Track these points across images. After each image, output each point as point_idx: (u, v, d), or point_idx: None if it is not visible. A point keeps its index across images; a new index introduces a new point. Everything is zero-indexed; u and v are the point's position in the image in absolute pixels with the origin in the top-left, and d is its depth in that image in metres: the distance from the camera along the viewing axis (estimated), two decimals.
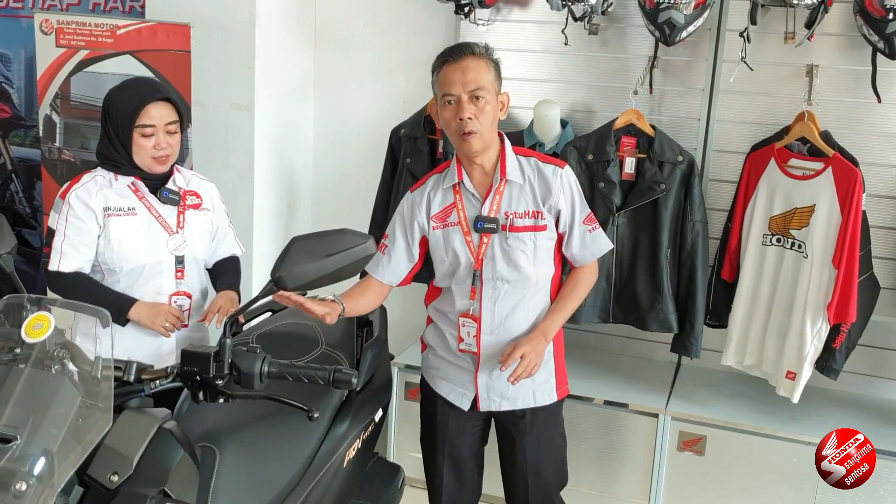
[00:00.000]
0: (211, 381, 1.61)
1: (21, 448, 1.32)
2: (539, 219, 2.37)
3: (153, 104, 2.45)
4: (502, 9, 3.60)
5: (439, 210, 2.42)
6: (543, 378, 2.48)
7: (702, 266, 3.21)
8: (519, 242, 2.36)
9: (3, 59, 4.69)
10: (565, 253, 2.47)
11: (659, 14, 3.03)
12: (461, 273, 2.41)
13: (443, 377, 2.54)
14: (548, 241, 2.40)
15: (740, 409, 3.22)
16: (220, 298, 2.58)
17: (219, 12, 3.59)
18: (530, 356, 2.31)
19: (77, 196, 2.47)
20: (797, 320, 3.02)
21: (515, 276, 2.38)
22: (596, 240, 2.45)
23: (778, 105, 3.28)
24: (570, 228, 2.42)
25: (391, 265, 2.48)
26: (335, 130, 4.10)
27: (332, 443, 2.13)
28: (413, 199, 2.47)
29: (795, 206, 3.03)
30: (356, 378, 1.67)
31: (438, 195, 2.43)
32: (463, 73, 2.27)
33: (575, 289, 2.48)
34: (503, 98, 2.36)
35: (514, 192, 2.37)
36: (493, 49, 2.37)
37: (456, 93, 2.27)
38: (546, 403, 2.49)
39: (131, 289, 2.50)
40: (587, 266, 2.49)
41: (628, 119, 3.24)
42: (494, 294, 2.39)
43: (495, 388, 2.46)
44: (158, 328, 2.48)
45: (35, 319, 1.46)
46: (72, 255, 2.46)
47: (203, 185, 2.69)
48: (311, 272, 1.66)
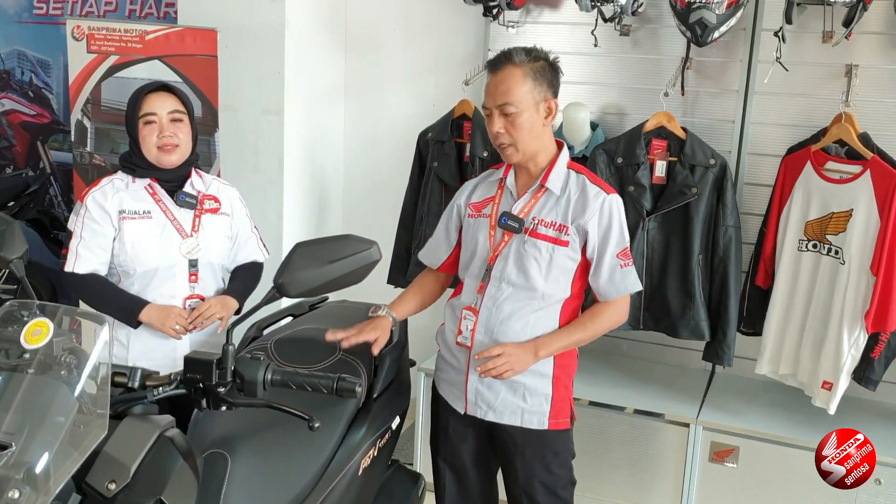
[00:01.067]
0: (213, 388, 1.59)
1: (16, 455, 1.32)
2: (563, 233, 2.30)
3: (154, 94, 2.50)
4: (532, 10, 3.56)
5: (479, 200, 2.44)
6: (536, 402, 2.38)
7: (734, 272, 3.12)
8: (534, 249, 2.31)
9: (43, 66, 4.78)
10: (591, 283, 2.36)
11: (690, 14, 2.96)
12: (475, 265, 2.41)
13: (444, 378, 2.52)
14: (567, 260, 2.32)
15: (774, 420, 3.12)
16: (211, 303, 2.57)
17: (249, 17, 3.61)
18: (508, 359, 2.25)
19: (94, 199, 2.52)
20: (834, 329, 2.92)
21: (522, 282, 2.32)
22: (626, 277, 2.33)
23: (815, 106, 3.18)
24: (598, 257, 2.32)
25: (431, 247, 2.57)
26: (365, 134, 4.10)
27: (348, 450, 2.10)
28: (464, 186, 2.54)
29: (832, 211, 2.93)
30: (360, 387, 1.64)
31: (484, 186, 2.47)
32: (496, 86, 2.27)
33: (591, 319, 2.37)
34: (550, 105, 2.29)
35: (549, 201, 2.33)
36: (543, 52, 2.32)
37: (489, 105, 2.30)
38: (534, 428, 2.38)
39: (145, 291, 2.52)
40: (614, 304, 2.36)
41: (659, 121, 3.17)
42: (497, 294, 2.35)
43: (483, 396, 2.40)
44: (168, 330, 2.49)
45: (34, 326, 1.46)
46: (87, 257, 2.50)
47: (224, 190, 2.69)
48: (314, 279, 1.64)
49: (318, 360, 2.28)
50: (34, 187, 4.45)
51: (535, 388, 2.37)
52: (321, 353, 2.30)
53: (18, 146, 4.95)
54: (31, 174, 4.84)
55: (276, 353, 2.28)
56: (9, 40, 4.83)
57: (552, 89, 2.31)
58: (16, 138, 4.94)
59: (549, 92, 2.30)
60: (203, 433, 1.90)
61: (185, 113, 2.54)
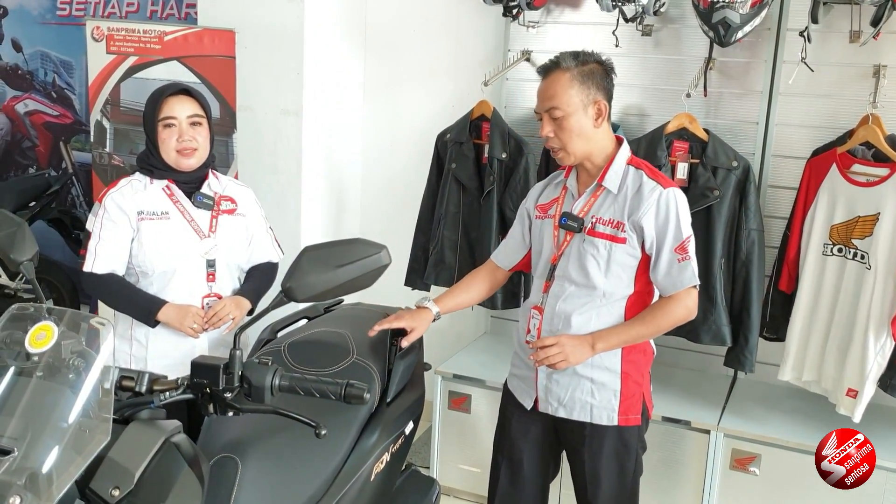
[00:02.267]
0: (220, 393, 1.57)
1: (18, 460, 1.31)
2: (620, 230, 2.30)
3: (174, 97, 2.51)
4: (552, 10, 3.52)
5: (546, 202, 2.49)
6: (605, 398, 2.38)
7: (757, 276, 3.07)
8: (593, 248, 2.33)
9: (66, 66, 4.81)
10: (651, 278, 2.35)
11: (713, 14, 2.92)
12: (541, 265, 2.46)
13: (515, 374, 2.56)
14: (626, 257, 2.32)
15: (797, 427, 3.06)
16: (226, 302, 2.58)
17: (268, 18, 3.60)
18: (563, 349, 2.29)
19: (112, 199, 2.54)
20: (859, 335, 2.86)
21: (583, 280, 2.35)
22: (682, 271, 2.29)
23: (841, 108, 3.11)
24: (657, 252, 2.30)
25: (506, 248, 2.62)
26: (384, 135, 4.08)
27: (360, 455, 2.08)
28: (534, 188, 2.59)
29: (858, 215, 2.87)
30: (368, 393, 1.61)
31: (550, 187, 2.52)
32: (544, 91, 2.32)
33: (652, 314, 2.35)
34: (600, 106, 2.30)
35: (606, 199, 2.35)
36: (596, 54, 2.34)
37: (538, 110, 2.35)
38: (604, 423, 2.39)
39: (163, 291, 2.54)
40: (677, 298, 2.32)
41: (680, 123, 3.12)
42: (560, 292, 2.38)
43: (553, 392, 2.42)
44: (187, 329, 2.51)
45: (39, 329, 1.44)
46: (105, 257, 2.51)
47: (239, 191, 2.71)
48: (322, 283, 1.61)
49: (331, 363, 2.25)
50: (56, 187, 4.47)
51: (603, 384, 2.37)
52: (334, 357, 2.28)
53: (41, 146, 4.99)
54: (54, 174, 4.87)
55: (289, 355, 2.26)
56: (32, 41, 4.87)
57: (602, 91, 2.31)
58: (39, 138, 4.97)
59: (599, 94, 2.30)
60: (215, 437, 1.88)
61: (204, 117, 2.56)
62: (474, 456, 3.42)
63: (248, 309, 2.65)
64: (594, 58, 2.33)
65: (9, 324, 1.51)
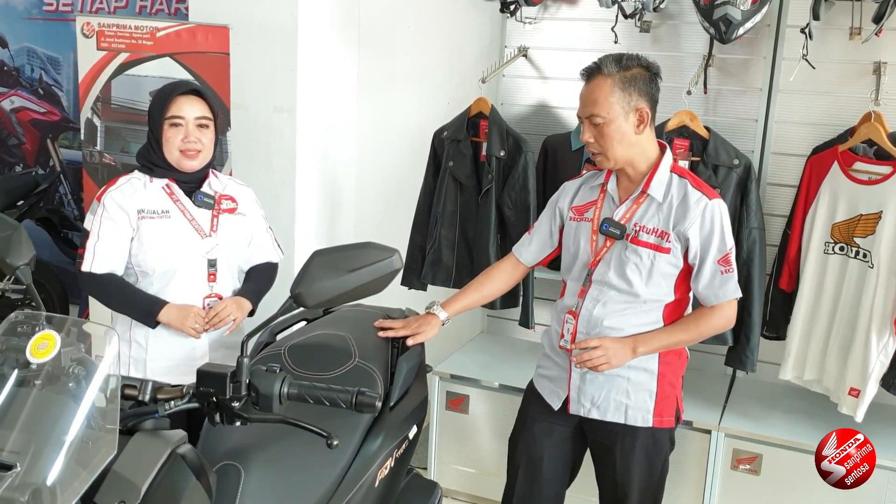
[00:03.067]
0: (227, 402, 1.53)
1: (21, 476, 1.25)
2: (665, 240, 2.29)
3: (183, 97, 2.46)
4: (550, 6, 3.49)
5: (581, 204, 2.45)
6: (641, 399, 2.38)
7: (758, 275, 3.05)
8: (636, 256, 2.31)
9: (53, 63, 4.73)
10: (692, 286, 2.37)
11: (714, 10, 2.89)
12: (577, 269, 2.43)
13: (544, 374, 2.53)
14: (669, 266, 2.32)
15: (798, 426, 3.05)
16: (227, 303, 2.55)
17: (261, 14, 3.54)
18: (606, 352, 2.29)
19: (112, 198, 2.49)
20: (861, 334, 2.84)
21: (624, 286, 2.33)
22: (725, 283, 2.31)
23: (841, 105, 3.10)
24: (700, 263, 2.30)
25: (532, 245, 2.57)
26: (378, 133, 4.03)
27: (363, 461, 2.04)
28: (566, 187, 2.54)
29: (860, 213, 2.85)
30: (380, 401, 1.57)
31: (586, 189, 2.47)
32: (586, 96, 2.30)
33: (695, 321, 2.36)
34: (642, 113, 2.27)
35: (651, 207, 2.32)
36: (640, 57, 2.31)
37: (580, 115, 2.33)
38: (638, 425, 2.39)
39: (164, 291, 2.50)
40: (719, 308, 2.34)
41: (681, 120, 3.09)
42: (598, 296, 2.37)
43: (586, 392, 2.41)
44: (188, 330, 2.47)
45: (40, 339, 1.39)
46: (104, 257, 2.47)
47: (239, 190, 2.67)
48: (333, 288, 1.57)
49: (332, 366, 2.21)
50: (44, 186, 4.39)
51: (639, 384, 2.37)
52: (336, 360, 2.24)
53: (28, 144, 4.90)
54: (41, 172, 4.78)
55: (289, 358, 2.22)
56: (18, 37, 4.78)
57: (646, 97, 2.29)
58: (25, 136, 4.89)
59: (641, 100, 2.28)
60: (215, 444, 1.84)
61: (211, 119, 2.52)
62: (472, 457, 3.39)
63: (249, 310, 2.62)
64: (638, 62, 2.29)
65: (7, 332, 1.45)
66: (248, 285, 2.68)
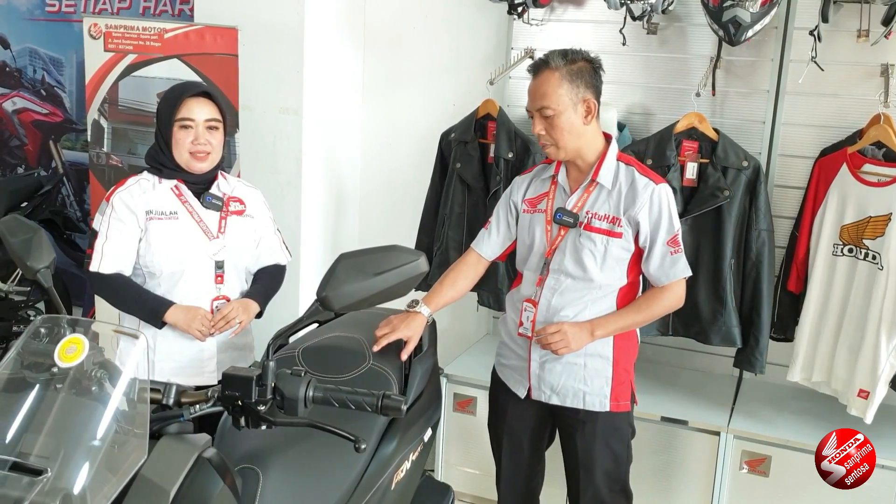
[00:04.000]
0: (253, 406, 1.52)
1: (52, 481, 1.25)
2: (616, 225, 2.40)
3: (194, 99, 2.47)
4: (556, 8, 3.48)
5: (534, 196, 2.54)
6: (597, 385, 2.48)
7: (767, 277, 3.05)
8: (590, 242, 2.41)
9: (56, 64, 4.72)
10: (643, 269, 2.48)
11: (724, 12, 2.89)
12: (533, 259, 2.52)
13: (506, 363, 2.63)
14: (621, 251, 2.42)
15: (807, 428, 3.04)
16: (234, 305, 2.55)
17: (267, 15, 3.54)
18: (564, 337, 2.38)
19: (120, 199, 2.49)
20: (871, 336, 2.85)
21: (580, 273, 2.43)
22: (675, 263, 2.43)
23: (849, 107, 3.10)
24: (650, 245, 2.41)
25: (491, 239, 2.63)
26: (384, 134, 4.03)
27: (380, 464, 2.04)
28: (517, 181, 2.62)
29: (870, 215, 2.86)
30: (405, 405, 1.57)
31: (537, 182, 2.56)
32: (535, 90, 2.38)
33: (646, 303, 2.47)
34: (589, 104, 2.37)
35: (601, 195, 2.42)
36: (584, 52, 2.40)
37: (530, 108, 2.41)
38: (596, 410, 2.49)
39: (171, 292, 2.50)
40: (669, 288, 2.45)
41: (690, 122, 3.09)
42: (556, 285, 2.46)
43: (545, 380, 2.51)
44: (194, 332, 2.47)
45: (69, 343, 1.38)
46: (112, 257, 2.47)
47: (248, 192, 2.67)
48: (359, 292, 1.57)
49: (347, 369, 2.21)
50: (47, 187, 4.37)
51: (595, 371, 2.47)
52: (350, 362, 2.24)
53: (30, 145, 4.89)
54: (44, 174, 4.77)
55: (303, 361, 2.21)
56: (21, 38, 4.76)
57: (591, 89, 2.38)
58: (27, 137, 4.87)
59: (588, 92, 2.37)
60: (231, 447, 1.83)
61: (220, 121, 2.52)
62: (479, 459, 3.38)
63: (256, 311, 2.62)
64: (582, 56, 2.38)
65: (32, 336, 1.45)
66: (256, 287, 2.68)
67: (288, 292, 3.73)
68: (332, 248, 3.94)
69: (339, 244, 3.99)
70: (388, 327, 2.34)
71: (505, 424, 2.67)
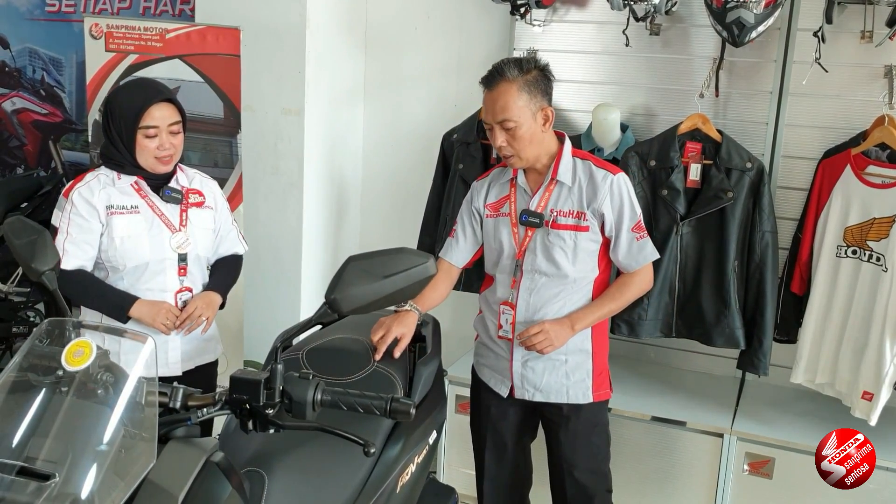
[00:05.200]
0: (261, 409, 1.51)
1: (59, 486, 1.24)
2: (582, 220, 2.45)
3: (156, 105, 2.47)
4: (559, 9, 3.47)
5: (495, 200, 2.58)
6: (579, 377, 2.55)
7: (771, 278, 3.05)
8: (559, 239, 2.46)
9: (55, 64, 4.70)
10: (612, 257, 2.55)
11: (727, 13, 2.88)
12: (504, 262, 2.55)
13: (485, 364, 2.67)
14: (590, 243, 2.48)
15: (811, 430, 3.02)
16: (197, 300, 2.57)
17: (269, 16, 3.53)
18: (548, 335, 2.43)
19: (80, 194, 2.49)
20: (875, 338, 2.84)
21: (553, 270, 2.48)
22: (643, 248, 2.51)
23: (852, 109, 3.09)
24: (616, 234, 2.49)
25: (458, 247, 2.66)
26: (386, 135, 4.01)
27: (385, 466, 2.03)
28: (475, 187, 2.66)
29: (874, 217, 2.85)
30: (414, 408, 1.56)
31: (496, 186, 2.59)
32: (493, 103, 2.39)
33: (618, 290, 2.54)
34: (547, 112, 2.41)
35: (562, 192, 2.47)
36: (535, 60, 2.43)
37: (489, 121, 2.43)
38: (580, 402, 2.56)
39: (135, 287, 2.51)
40: (638, 273, 2.54)
41: (693, 123, 3.09)
42: (532, 285, 2.50)
43: (529, 379, 2.55)
44: (159, 326, 2.48)
45: (76, 346, 1.37)
46: (74, 253, 2.47)
47: (205, 183, 2.71)
48: (368, 294, 1.56)
49: (351, 371, 2.20)
50: (47, 188, 4.35)
51: (577, 365, 2.54)
52: (355, 364, 2.23)
53: (30, 145, 4.87)
54: (43, 174, 4.75)
55: (307, 363, 2.21)
56: (20, 38, 4.74)
57: (547, 97, 2.43)
58: (27, 137, 4.85)
59: (544, 100, 2.41)
60: (235, 450, 1.82)
61: (181, 122, 2.54)
62: None
63: (219, 304, 2.65)
64: (535, 64, 2.41)
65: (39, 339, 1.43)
66: (217, 279, 2.71)
67: (289, 293, 3.73)
68: (334, 248, 3.93)
69: (340, 245, 3.98)
70: (382, 329, 2.34)
71: (488, 423, 2.70)
